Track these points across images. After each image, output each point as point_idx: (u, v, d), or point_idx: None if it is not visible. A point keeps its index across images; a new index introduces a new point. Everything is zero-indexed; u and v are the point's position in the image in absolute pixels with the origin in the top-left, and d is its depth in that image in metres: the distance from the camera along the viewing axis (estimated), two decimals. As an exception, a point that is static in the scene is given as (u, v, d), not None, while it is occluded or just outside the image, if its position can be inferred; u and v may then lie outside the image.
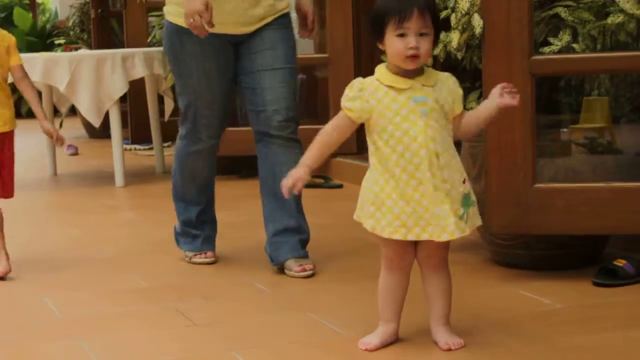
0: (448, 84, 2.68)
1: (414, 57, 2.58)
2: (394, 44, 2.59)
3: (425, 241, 2.65)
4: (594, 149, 3.87)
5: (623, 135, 4.23)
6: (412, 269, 2.76)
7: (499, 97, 2.68)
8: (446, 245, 2.70)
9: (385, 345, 2.73)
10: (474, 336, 2.78)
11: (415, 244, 2.70)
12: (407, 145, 2.61)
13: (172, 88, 6.67)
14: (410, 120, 2.61)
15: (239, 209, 5.13)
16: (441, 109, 2.64)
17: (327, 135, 2.71)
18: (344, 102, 2.67)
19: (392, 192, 2.62)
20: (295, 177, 2.65)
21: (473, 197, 2.70)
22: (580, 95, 4.13)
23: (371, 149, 2.68)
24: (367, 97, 2.63)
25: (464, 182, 2.67)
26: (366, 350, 2.71)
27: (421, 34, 2.58)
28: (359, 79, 2.68)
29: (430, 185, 2.59)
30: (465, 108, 3.49)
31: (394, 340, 2.76)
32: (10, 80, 6.05)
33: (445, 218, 2.60)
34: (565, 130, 4.13)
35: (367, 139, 2.69)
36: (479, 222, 2.73)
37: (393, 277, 2.75)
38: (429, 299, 2.76)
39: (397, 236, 2.63)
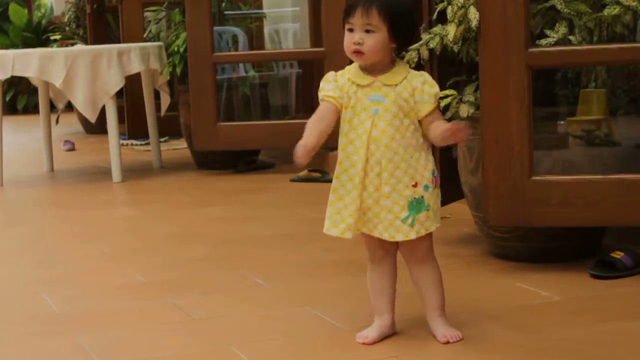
0: (414, 83, 2.64)
1: (357, 52, 2.61)
2: (345, 38, 2.64)
3: None
4: (591, 141, 3.87)
5: (620, 127, 4.23)
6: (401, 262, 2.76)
7: (441, 132, 2.62)
8: (427, 236, 2.70)
9: (382, 338, 2.74)
10: (472, 328, 2.79)
11: None
12: (351, 140, 2.65)
13: (168, 83, 6.67)
14: (360, 118, 2.64)
15: (235, 203, 5.13)
16: (399, 109, 2.62)
17: (312, 122, 2.69)
18: (322, 93, 2.69)
19: (337, 187, 2.69)
20: (299, 144, 2.66)
21: (428, 203, 2.65)
22: (577, 87, 4.13)
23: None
24: (340, 86, 2.68)
25: (414, 185, 2.64)
26: (364, 343, 2.71)
27: (367, 31, 2.60)
28: (332, 72, 2.72)
29: (360, 185, 2.64)
30: (461, 101, 3.51)
31: (392, 332, 2.76)
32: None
33: (390, 220, 2.63)
34: (562, 122, 4.13)
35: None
36: (433, 227, 2.68)
37: (377, 268, 2.77)
38: (421, 293, 2.76)
39: (334, 231, 2.72)
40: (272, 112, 7.51)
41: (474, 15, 3.31)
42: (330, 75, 2.72)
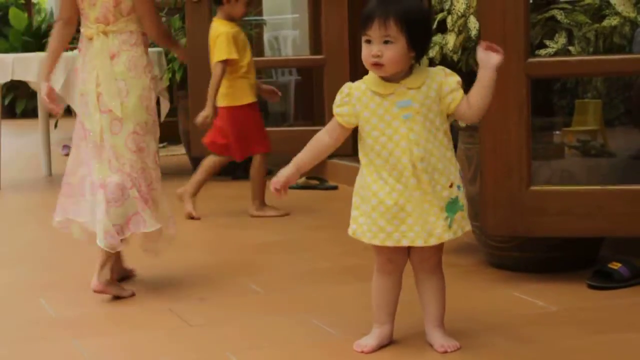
0: (438, 79, 2.64)
1: (377, 65, 2.58)
2: (363, 50, 2.62)
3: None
4: (587, 151, 3.87)
5: (615, 138, 4.24)
6: (405, 270, 2.76)
7: (488, 59, 2.65)
8: (440, 247, 2.70)
9: (380, 347, 2.73)
10: (469, 338, 2.78)
11: (409, 247, 2.69)
12: (390, 151, 2.62)
13: (168, 89, 6.67)
14: (393, 127, 2.61)
15: (233, 210, 5.13)
16: (429, 110, 2.62)
17: (320, 140, 2.73)
18: (334, 107, 2.68)
19: (378, 191, 2.62)
20: (285, 175, 2.70)
21: (462, 202, 2.68)
22: (574, 97, 4.14)
23: (360, 152, 2.69)
24: (354, 102, 2.64)
25: (450, 186, 2.65)
26: (362, 352, 2.71)
27: (385, 42, 2.57)
28: (348, 84, 2.68)
29: (415, 191, 2.60)
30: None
31: (389, 342, 2.76)
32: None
33: (432, 223, 2.61)
34: (557, 132, 4.13)
35: (359, 141, 2.70)
36: (467, 227, 2.71)
37: (386, 280, 2.75)
38: (423, 302, 2.76)
39: (376, 241, 2.64)
40: (270, 119, 7.51)
41: (473, 24, 3.32)
42: (345, 88, 2.68)
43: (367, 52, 2.60)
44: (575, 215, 3.30)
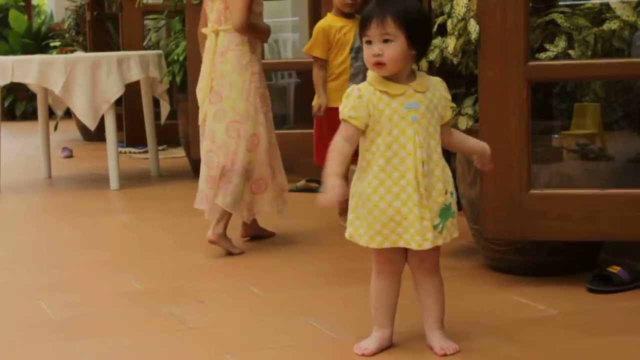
0: (440, 90, 2.69)
1: (378, 64, 2.60)
2: (364, 52, 2.64)
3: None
4: (585, 155, 3.87)
5: (614, 142, 4.24)
6: (404, 274, 2.76)
7: (489, 153, 2.81)
8: (437, 250, 2.71)
9: (381, 349, 2.73)
10: (469, 341, 2.78)
11: (406, 249, 2.70)
12: (395, 152, 2.62)
13: (168, 91, 6.67)
14: (400, 127, 2.62)
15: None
16: (432, 116, 2.65)
17: (343, 150, 2.65)
18: (346, 112, 2.64)
19: (372, 194, 2.63)
20: (337, 193, 2.56)
21: (454, 209, 2.70)
22: (573, 101, 4.14)
23: (362, 153, 2.69)
24: (366, 102, 2.63)
25: (445, 192, 2.65)
26: (362, 355, 2.71)
27: (385, 40, 2.59)
28: (355, 87, 2.68)
29: (414, 194, 2.60)
30: (460, 113, 3.52)
31: (389, 345, 2.76)
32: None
33: (425, 227, 2.62)
34: (556, 136, 4.14)
35: (361, 142, 2.69)
36: (455, 233, 2.72)
37: (385, 282, 2.75)
38: (423, 304, 2.76)
39: (373, 245, 2.65)
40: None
41: (473, 28, 3.32)
42: (354, 92, 2.65)
43: (369, 53, 2.61)
44: (575, 219, 3.30)
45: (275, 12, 8.39)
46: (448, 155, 3.71)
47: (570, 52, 3.38)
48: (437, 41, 3.59)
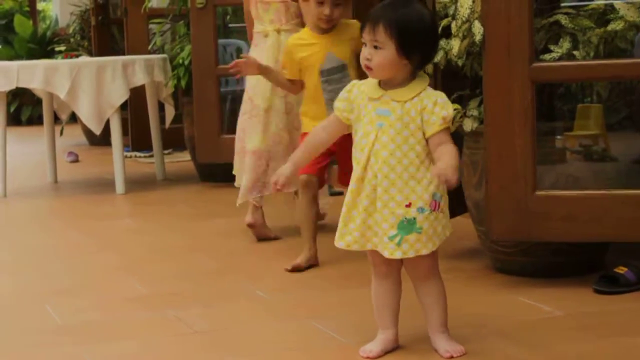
0: (425, 102, 2.61)
1: (367, 67, 2.63)
2: (361, 52, 2.67)
3: None
4: (589, 156, 3.87)
5: (617, 143, 4.23)
6: (405, 275, 2.76)
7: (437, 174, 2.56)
8: (433, 254, 2.69)
9: (386, 352, 2.73)
10: (474, 343, 2.78)
11: None
12: (360, 153, 2.66)
13: (173, 95, 6.68)
14: (366, 130, 2.65)
15: (238, 215, 5.12)
16: (404, 127, 2.61)
17: (315, 135, 2.80)
18: (335, 101, 2.75)
19: (347, 200, 2.69)
20: (285, 175, 2.75)
21: (422, 225, 2.61)
22: (576, 102, 4.13)
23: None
24: (352, 99, 2.69)
25: (408, 205, 2.60)
26: (367, 358, 2.71)
27: (375, 47, 2.60)
28: (354, 82, 2.74)
29: (365, 200, 2.64)
30: (465, 115, 3.52)
31: (394, 347, 2.76)
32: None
33: (376, 232, 2.64)
34: (559, 137, 4.13)
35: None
36: (425, 250, 2.63)
37: (384, 284, 2.76)
38: (424, 308, 2.76)
39: (340, 244, 2.70)
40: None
41: (478, 29, 3.32)
42: (349, 85, 2.74)
43: (363, 55, 2.64)
44: (581, 220, 3.30)
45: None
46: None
47: (575, 53, 3.38)
48: (441, 43, 3.59)
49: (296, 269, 3.77)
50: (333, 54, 3.84)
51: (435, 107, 2.61)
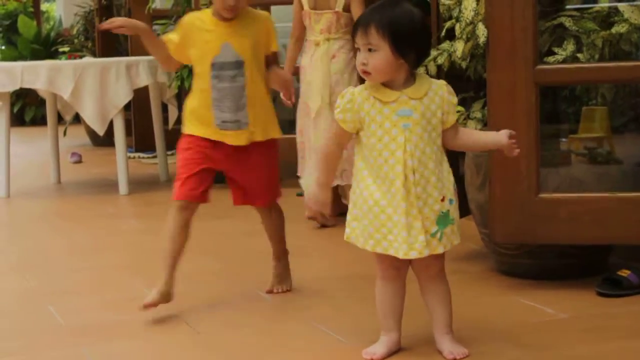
0: (440, 94, 2.65)
1: (365, 72, 2.62)
2: (356, 58, 2.67)
3: None
4: (594, 158, 3.87)
5: (622, 145, 4.23)
6: (409, 276, 2.76)
7: (506, 143, 2.69)
8: (440, 255, 2.70)
9: (389, 354, 2.73)
10: (478, 345, 2.78)
11: None
12: (385, 159, 2.62)
13: (176, 96, 6.68)
14: (391, 135, 2.62)
15: (241, 217, 5.12)
16: (428, 122, 2.63)
17: (331, 155, 2.76)
18: (337, 114, 2.68)
19: (369, 197, 2.64)
20: (322, 201, 2.74)
21: (453, 216, 2.67)
22: (580, 104, 4.13)
23: (357, 156, 2.71)
24: (357, 108, 2.65)
25: (442, 199, 2.63)
26: None
27: (369, 50, 2.59)
28: (350, 89, 2.69)
29: (403, 202, 2.60)
30: (468, 117, 3.52)
31: (398, 349, 2.76)
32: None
33: (415, 235, 2.60)
34: (564, 140, 4.13)
35: (355, 146, 2.71)
36: (456, 241, 2.69)
37: (388, 286, 2.75)
38: (430, 309, 2.76)
39: (367, 247, 2.67)
40: (279, 126, 7.49)
41: (482, 32, 3.32)
42: (348, 94, 2.67)
43: (358, 60, 2.63)
44: (585, 222, 3.30)
45: (283, 17, 8.40)
46: (456, 158, 3.72)
47: (579, 55, 3.38)
48: (445, 45, 3.59)
49: (150, 307, 3.21)
50: (230, 46, 3.27)
51: (450, 95, 2.67)
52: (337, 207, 4.75)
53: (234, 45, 3.29)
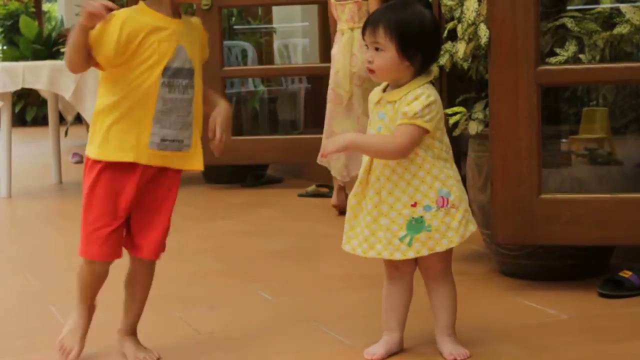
0: (409, 98, 2.59)
1: (370, 71, 2.63)
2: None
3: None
4: (594, 159, 3.87)
5: (623, 146, 4.23)
6: (416, 278, 2.76)
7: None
8: (446, 256, 2.69)
9: (390, 355, 2.73)
10: (479, 347, 2.78)
11: None
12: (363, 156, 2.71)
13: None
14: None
15: (243, 217, 5.13)
16: (395, 127, 2.62)
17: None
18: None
19: (351, 199, 2.71)
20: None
21: (429, 223, 2.60)
22: (581, 105, 4.13)
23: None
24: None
25: (414, 205, 2.60)
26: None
27: (376, 49, 2.60)
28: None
29: (369, 203, 2.64)
30: (470, 118, 3.52)
31: (399, 350, 2.76)
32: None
33: (379, 237, 2.64)
34: (565, 140, 4.13)
35: None
36: (438, 248, 2.62)
37: (394, 286, 2.76)
38: (433, 310, 2.76)
39: (347, 247, 2.73)
40: (280, 127, 7.51)
41: (484, 32, 3.32)
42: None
43: (365, 58, 2.66)
44: (586, 223, 3.30)
45: (285, 17, 8.41)
46: (458, 161, 3.71)
47: (581, 56, 3.38)
48: (447, 46, 3.59)
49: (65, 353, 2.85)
50: (185, 50, 2.66)
51: (414, 100, 2.56)
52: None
53: (187, 49, 2.66)
